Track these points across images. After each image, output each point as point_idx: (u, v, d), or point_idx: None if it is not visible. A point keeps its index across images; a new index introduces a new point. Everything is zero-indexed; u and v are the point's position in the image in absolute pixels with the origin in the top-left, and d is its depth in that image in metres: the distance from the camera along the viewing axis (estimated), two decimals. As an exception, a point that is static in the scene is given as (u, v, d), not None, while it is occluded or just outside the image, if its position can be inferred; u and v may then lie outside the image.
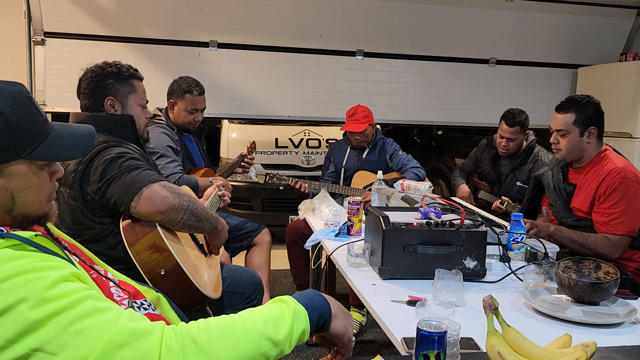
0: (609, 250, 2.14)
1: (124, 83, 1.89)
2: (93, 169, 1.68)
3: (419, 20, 4.50)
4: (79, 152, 1.06)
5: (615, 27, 4.84)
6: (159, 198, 1.62)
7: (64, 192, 1.72)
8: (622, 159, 2.27)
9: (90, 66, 1.92)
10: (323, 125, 5.02)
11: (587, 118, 2.25)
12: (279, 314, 0.96)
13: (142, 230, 1.65)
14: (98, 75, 1.87)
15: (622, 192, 2.14)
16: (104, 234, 1.73)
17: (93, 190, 1.68)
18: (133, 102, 1.91)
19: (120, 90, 1.88)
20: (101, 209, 1.70)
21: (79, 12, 3.98)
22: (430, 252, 1.73)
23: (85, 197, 1.70)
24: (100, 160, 1.67)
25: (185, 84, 2.94)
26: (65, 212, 1.72)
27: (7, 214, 0.96)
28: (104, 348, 0.81)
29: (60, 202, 1.72)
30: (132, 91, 1.90)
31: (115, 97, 1.87)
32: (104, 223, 1.72)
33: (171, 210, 1.64)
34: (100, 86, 1.86)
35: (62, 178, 1.67)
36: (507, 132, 3.26)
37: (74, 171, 1.70)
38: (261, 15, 4.26)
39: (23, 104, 0.96)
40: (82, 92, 1.91)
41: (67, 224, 1.73)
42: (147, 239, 1.64)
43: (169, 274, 1.62)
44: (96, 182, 1.66)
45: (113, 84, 1.87)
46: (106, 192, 1.66)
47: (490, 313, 1.09)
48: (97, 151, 1.69)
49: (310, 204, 2.81)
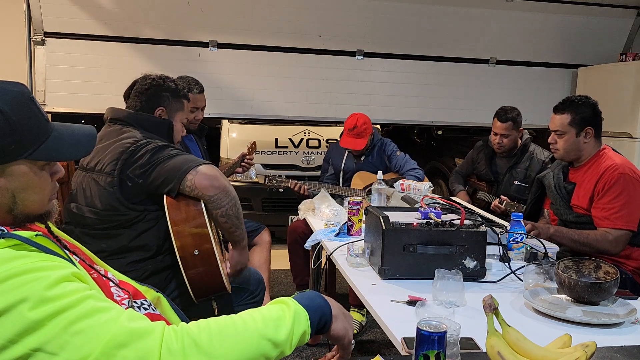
0: (610, 245, 2.16)
1: (177, 100, 2.03)
2: (138, 157, 1.77)
3: (419, 20, 4.50)
4: (80, 152, 1.06)
5: (615, 27, 4.84)
6: (215, 175, 1.76)
7: (98, 179, 1.81)
8: (620, 157, 2.31)
9: (151, 74, 2.05)
10: (323, 125, 5.01)
11: (582, 119, 2.28)
12: (279, 315, 0.96)
13: (186, 208, 1.75)
14: (158, 84, 2.00)
15: (620, 188, 2.17)
16: (136, 220, 1.81)
17: (137, 175, 1.76)
18: (179, 118, 2.05)
19: (173, 104, 2.02)
20: (138, 195, 1.79)
21: (79, 12, 3.98)
22: (430, 252, 1.73)
23: (125, 183, 1.78)
24: (147, 149, 1.78)
25: (185, 83, 2.94)
26: (97, 198, 1.81)
27: (8, 214, 0.96)
28: (104, 348, 0.81)
29: (91, 188, 1.82)
30: (181, 109, 2.05)
31: (167, 109, 2.00)
32: (137, 209, 1.81)
33: (223, 190, 1.77)
34: (158, 95, 1.99)
35: (99, 166, 1.82)
36: (500, 129, 3.28)
37: (116, 159, 1.78)
38: (261, 15, 4.26)
39: (24, 104, 0.96)
40: (136, 94, 2.00)
41: (96, 209, 1.81)
42: (190, 218, 1.74)
43: (201, 256, 1.72)
44: (142, 166, 1.76)
45: (169, 97, 2.00)
46: (152, 173, 1.76)
47: (490, 313, 1.09)
48: (142, 144, 1.80)
49: (310, 204, 2.81)
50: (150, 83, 1.99)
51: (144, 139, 1.83)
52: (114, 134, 1.89)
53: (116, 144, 1.83)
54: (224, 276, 1.78)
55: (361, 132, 3.34)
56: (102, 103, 4.04)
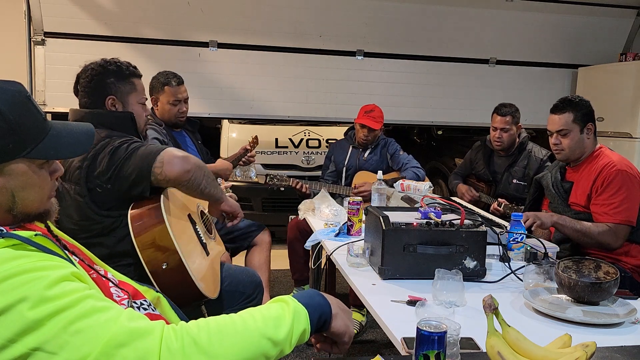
0: (611, 238, 2.18)
1: (125, 82, 1.88)
2: (99, 162, 1.69)
3: (419, 20, 4.50)
4: (78, 150, 1.06)
5: (615, 27, 4.84)
6: (181, 158, 1.67)
7: (69, 189, 1.74)
8: (616, 154, 2.33)
9: (89, 63, 1.90)
10: (323, 125, 5.01)
11: (584, 115, 2.32)
12: (279, 314, 0.96)
13: (150, 220, 1.67)
14: (99, 73, 1.86)
15: (619, 183, 2.20)
16: (112, 226, 1.75)
17: (103, 181, 1.69)
18: (134, 100, 1.90)
19: (121, 89, 1.87)
20: (109, 201, 1.72)
21: (79, 12, 3.98)
22: (430, 252, 1.73)
23: (94, 191, 1.71)
24: (105, 152, 1.69)
25: (162, 77, 2.96)
26: (72, 209, 1.74)
27: (7, 213, 0.96)
28: (103, 347, 0.81)
29: (66, 199, 1.74)
30: (132, 90, 1.90)
31: (117, 96, 1.86)
32: (111, 216, 1.74)
33: (195, 168, 1.69)
34: (102, 85, 1.85)
35: (67, 175, 1.71)
36: (500, 122, 3.30)
37: (79, 167, 1.71)
38: (261, 15, 4.26)
39: (22, 103, 0.96)
40: (82, 90, 1.89)
41: (74, 220, 1.75)
42: (153, 232, 1.66)
43: (171, 269, 1.64)
44: (105, 172, 1.68)
45: (114, 83, 1.86)
46: (119, 175, 1.67)
47: (490, 313, 1.09)
48: (100, 146, 1.71)
49: (310, 204, 2.80)
50: (90, 74, 1.86)
51: (103, 139, 1.73)
52: None
53: None
54: (203, 285, 1.70)
55: (377, 117, 3.41)
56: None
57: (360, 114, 3.46)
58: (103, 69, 1.86)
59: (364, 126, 3.41)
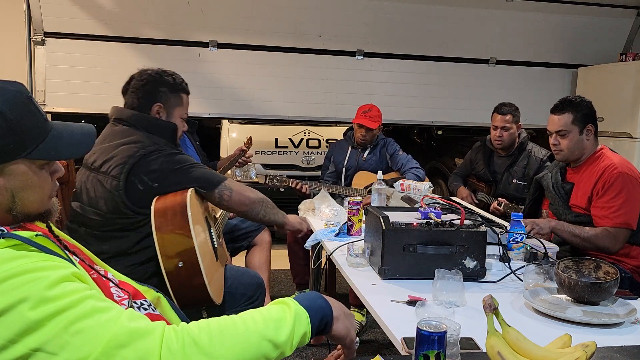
0: (610, 242, 2.17)
1: (175, 95, 1.99)
2: (151, 161, 1.78)
3: (419, 20, 4.50)
4: (79, 151, 1.06)
5: (615, 27, 4.84)
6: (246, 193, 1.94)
7: (104, 181, 1.79)
8: (618, 156, 2.31)
9: (147, 68, 2.01)
10: (323, 125, 5.01)
11: (584, 116, 2.30)
12: (280, 316, 0.96)
13: (173, 218, 1.72)
14: (154, 80, 1.96)
15: (619, 186, 2.18)
16: (140, 223, 1.80)
17: (151, 179, 1.77)
18: (177, 113, 2.00)
19: (170, 100, 1.97)
20: (145, 199, 1.78)
21: (79, 12, 3.98)
22: (430, 252, 1.73)
23: (133, 187, 1.77)
24: (161, 153, 1.81)
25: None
26: (102, 200, 1.79)
27: (7, 213, 0.96)
28: (104, 348, 0.81)
29: (97, 189, 1.81)
30: (179, 104, 2.00)
31: (164, 105, 1.96)
32: (142, 214, 1.79)
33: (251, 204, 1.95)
34: (154, 91, 1.95)
35: (104, 167, 1.79)
36: (500, 121, 3.31)
37: (123, 163, 1.77)
38: (261, 15, 4.26)
39: (23, 104, 0.96)
40: (133, 91, 1.96)
41: (101, 211, 1.80)
42: (175, 229, 1.70)
43: (186, 268, 1.68)
44: (157, 171, 1.78)
45: (166, 93, 1.96)
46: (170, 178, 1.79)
47: (490, 313, 1.09)
48: (152, 149, 1.81)
49: (310, 204, 2.80)
50: (146, 79, 1.95)
51: (151, 144, 1.82)
52: (119, 135, 1.87)
53: (122, 146, 1.81)
54: (213, 288, 1.73)
55: (374, 116, 3.42)
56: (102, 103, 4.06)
57: (358, 113, 3.46)
58: (159, 77, 1.97)
59: (362, 126, 3.42)
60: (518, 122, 3.34)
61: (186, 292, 1.67)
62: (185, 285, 1.67)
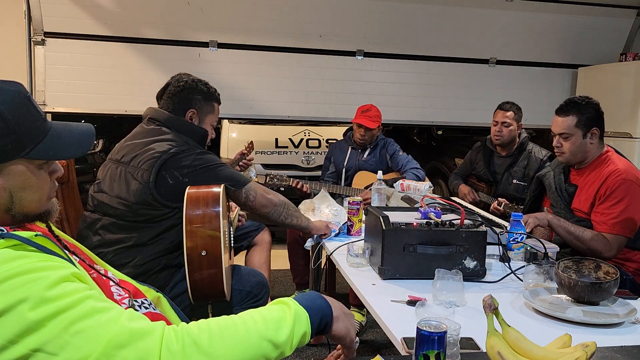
0: (603, 247, 2.12)
1: (209, 103, 2.10)
2: (184, 156, 1.88)
3: (418, 20, 4.50)
4: (78, 151, 1.05)
5: (615, 27, 4.84)
6: (269, 197, 2.05)
7: (134, 173, 1.87)
8: (624, 161, 2.27)
9: (183, 74, 2.12)
10: (323, 125, 5.01)
11: (588, 119, 2.24)
12: (280, 316, 0.95)
13: (205, 208, 1.78)
14: (190, 87, 2.06)
15: (622, 193, 2.14)
16: (165, 216, 1.88)
17: (183, 174, 1.86)
18: (209, 120, 2.12)
19: (204, 107, 2.08)
20: (173, 193, 1.85)
21: (79, 12, 3.98)
22: (430, 252, 1.73)
23: (163, 180, 1.85)
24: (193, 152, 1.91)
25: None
26: (131, 191, 1.87)
27: (6, 213, 0.96)
28: (104, 348, 0.81)
29: (127, 180, 1.88)
30: (211, 112, 2.12)
31: (198, 112, 2.06)
32: (169, 207, 1.87)
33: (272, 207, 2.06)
34: (189, 97, 2.06)
35: (135, 160, 1.88)
36: (502, 117, 3.32)
37: (156, 157, 1.86)
38: (261, 15, 4.26)
39: (21, 104, 0.95)
40: (169, 95, 2.06)
41: (128, 201, 1.87)
42: (206, 215, 1.76)
43: (208, 258, 1.74)
44: (189, 166, 1.87)
45: (201, 100, 2.07)
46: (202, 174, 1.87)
47: (490, 313, 1.09)
48: (187, 147, 1.91)
49: (311, 204, 2.80)
50: (183, 85, 2.05)
51: (183, 144, 1.92)
52: (153, 133, 1.97)
53: (155, 143, 1.90)
54: (226, 283, 1.78)
55: (374, 116, 3.43)
56: (102, 103, 4.07)
57: (357, 113, 3.47)
58: (195, 85, 2.08)
59: (361, 126, 3.42)
60: (519, 122, 3.35)
61: (203, 282, 1.73)
62: (204, 275, 1.73)
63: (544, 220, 2.18)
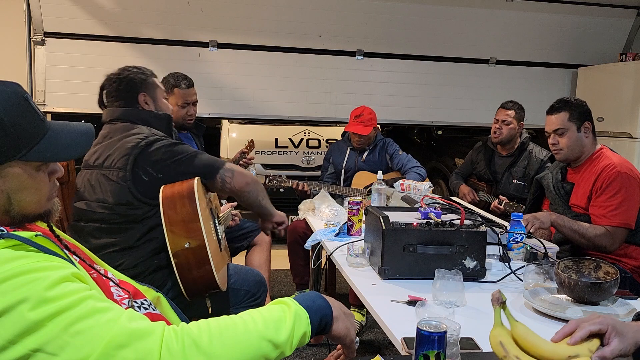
0: (607, 241, 2.17)
1: (149, 81, 2.03)
2: (153, 151, 1.82)
3: (419, 20, 4.50)
4: (77, 151, 1.04)
5: (615, 27, 4.84)
6: (245, 172, 1.94)
7: (109, 174, 1.83)
8: (617, 156, 2.32)
9: (110, 74, 2.04)
10: (323, 125, 5.01)
11: (580, 114, 2.32)
12: (280, 316, 0.95)
13: (180, 200, 1.76)
14: (126, 76, 2.00)
15: (618, 186, 2.18)
16: (146, 215, 1.84)
17: (155, 169, 1.81)
18: (160, 96, 2.05)
19: (149, 86, 2.01)
20: (151, 190, 1.81)
21: (79, 12, 3.98)
22: (430, 252, 1.73)
23: (139, 178, 1.81)
24: (163, 144, 1.85)
25: (173, 79, 2.97)
26: (108, 193, 1.83)
27: (4, 215, 0.96)
28: (104, 348, 0.81)
29: (102, 183, 1.84)
30: (156, 86, 2.04)
31: (147, 93, 2.00)
32: (149, 204, 1.83)
33: (254, 182, 1.96)
34: (132, 85, 1.99)
35: (107, 161, 1.84)
36: (502, 114, 3.33)
37: (127, 154, 1.81)
38: (261, 15, 4.26)
39: (17, 104, 0.94)
40: (112, 96, 2.00)
41: (107, 203, 1.83)
42: (183, 210, 1.75)
43: (192, 249, 1.72)
44: (160, 162, 1.82)
45: (141, 81, 2.00)
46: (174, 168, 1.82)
47: (497, 306, 1.08)
48: (154, 139, 1.85)
49: (310, 204, 2.81)
50: (118, 79, 2.00)
51: (152, 135, 1.86)
52: (119, 131, 1.91)
53: (124, 139, 1.86)
54: (216, 273, 1.76)
55: (366, 120, 3.39)
56: (102, 103, 4.06)
57: (350, 120, 3.44)
58: (129, 72, 2.01)
59: (355, 133, 3.40)
60: (520, 121, 3.35)
61: (192, 275, 1.72)
62: (191, 267, 1.72)
63: (547, 221, 2.19)
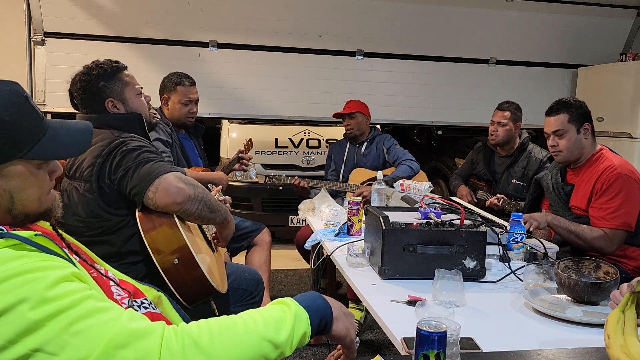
0: (604, 243, 2.15)
1: (115, 80, 1.88)
2: (111, 161, 1.71)
3: (419, 20, 4.50)
4: (76, 149, 1.05)
5: (615, 27, 4.84)
6: (175, 189, 1.66)
7: (78, 187, 1.76)
8: (618, 157, 2.30)
9: (74, 75, 1.91)
10: (323, 125, 5.01)
11: (579, 115, 2.30)
12: (280, 316, 0.96)
13: (158, 219, 1.70)
14: (87, 82, 1.86)
15: (618, 188, 2.17)
16: (120, 225, 1.77)
17: (111, 180, 1.72)
18: (130, 94, 1.91)
19: (114, 88, 1.87)
20: (118, 200, 1.74)
21: (79, 12, 3.98)
22: (430, 252, 1.73)
23: (103, 189, 1.73)
24: (118, 152, 1.72)
25: (175, 77, 2.98)
26: (80, 206, 1.76)
27: (6, 214, 0.96)
28: (104, 348, 0.81)
29: (73, 196, 1.77)
30: (125, 85, 1.90)
31: (114, 97, 1.87)
32: (120, 215, 1.76)
33: (187, 201, 1.68)
34: (94, 92, 1.86)
35: (77, 172, 1.75)
36: (498, 117, 3.33)
37: (92, 165, 1.73)
38: (261, 15, 4.26)
39: (18, 104, 0.95)
40: (79, 101, 1.90)
41: (81, 217, 1.77)
42: (163, 228, 1.69)
43: (182, 264, 1.66)
44: (113, 172, 1.71)
45: (106, 85, 1.86)
46: (122, 181, 1.70)
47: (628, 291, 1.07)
48: (115, 145, 1.73)
49: (310, 204, 2.81)
50: (80, 85, 1.87)
51: (117, 139, 1.75)
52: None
53: (92, 147, 1.75)
54: (212, 279, 1.73)
55: (351, 105, 3.58)
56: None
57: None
58: (89, 77, 1.86)
59: (343, 117, 3.53)
60: (517, 122, 3.34)
61: (188, 286, 1.69)
62: (186, 280, 1.68)
63: (543, 222, 2.19)
